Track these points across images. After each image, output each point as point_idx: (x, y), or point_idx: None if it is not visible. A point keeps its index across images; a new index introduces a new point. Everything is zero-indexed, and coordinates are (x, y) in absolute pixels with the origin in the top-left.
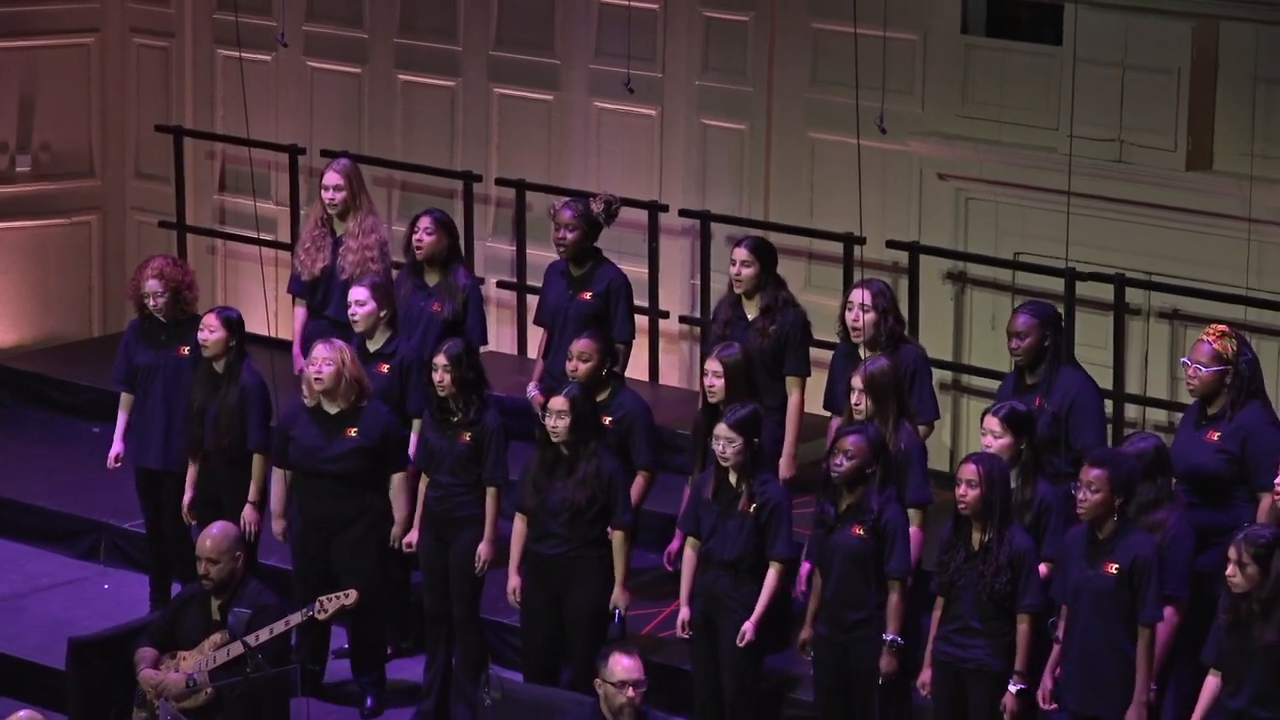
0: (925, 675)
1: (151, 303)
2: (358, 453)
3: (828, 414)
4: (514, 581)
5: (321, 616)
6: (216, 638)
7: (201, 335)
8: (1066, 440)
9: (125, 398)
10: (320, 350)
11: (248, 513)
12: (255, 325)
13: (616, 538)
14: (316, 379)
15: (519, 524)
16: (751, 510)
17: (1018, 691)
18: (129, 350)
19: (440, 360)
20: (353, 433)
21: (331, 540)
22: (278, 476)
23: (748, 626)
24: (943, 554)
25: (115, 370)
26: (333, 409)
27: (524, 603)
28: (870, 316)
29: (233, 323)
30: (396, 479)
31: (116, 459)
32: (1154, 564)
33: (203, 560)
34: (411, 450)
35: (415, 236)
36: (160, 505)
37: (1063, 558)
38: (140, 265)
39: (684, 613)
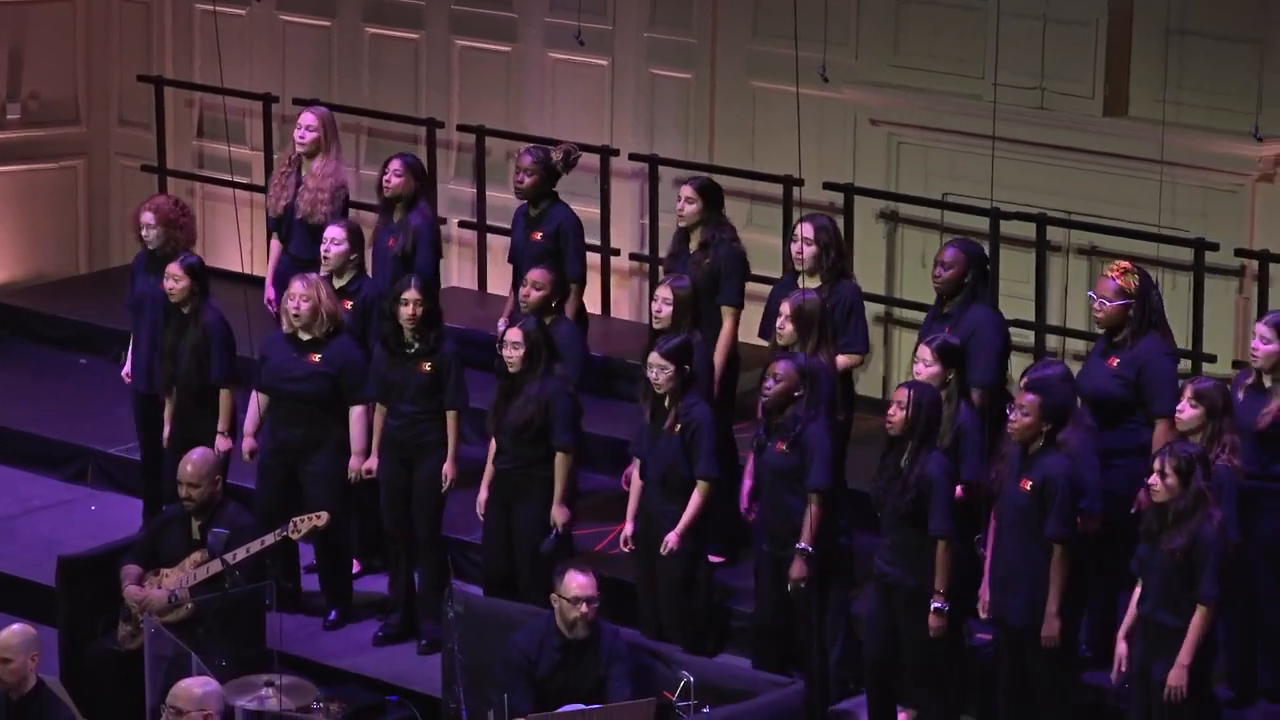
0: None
1: (145, 234)
2: (318, 376)
3: (763, 342)
4: (482, 495)
5: (295, 536)
6: (197, 556)
7: (167, 285)
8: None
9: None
10: (297, 287)
11: (219, 441)
12: (230, 263)
13: (557, 457)
14: (295, 314)
15: (492, 445)
16: (677, 430)
17: (934, 610)
18: (133, 281)
19: (412, 294)
20: (316, 358)
21: (298, 467)
22: (254, 400)
23: (670, 536)
24: (876, 473)
25: (126, 300)
26: (305, 336)
27: (485, 516)
28: (811, 249)
29: (194, 268)
30: (355, 411)
31: (126, 375)
32: (1062, 483)
33: (184, 484)
34: None
35: (385, 177)
36: (152, 429)
37: (1000, 472)
38: (142, 202)
39: (627, 528)
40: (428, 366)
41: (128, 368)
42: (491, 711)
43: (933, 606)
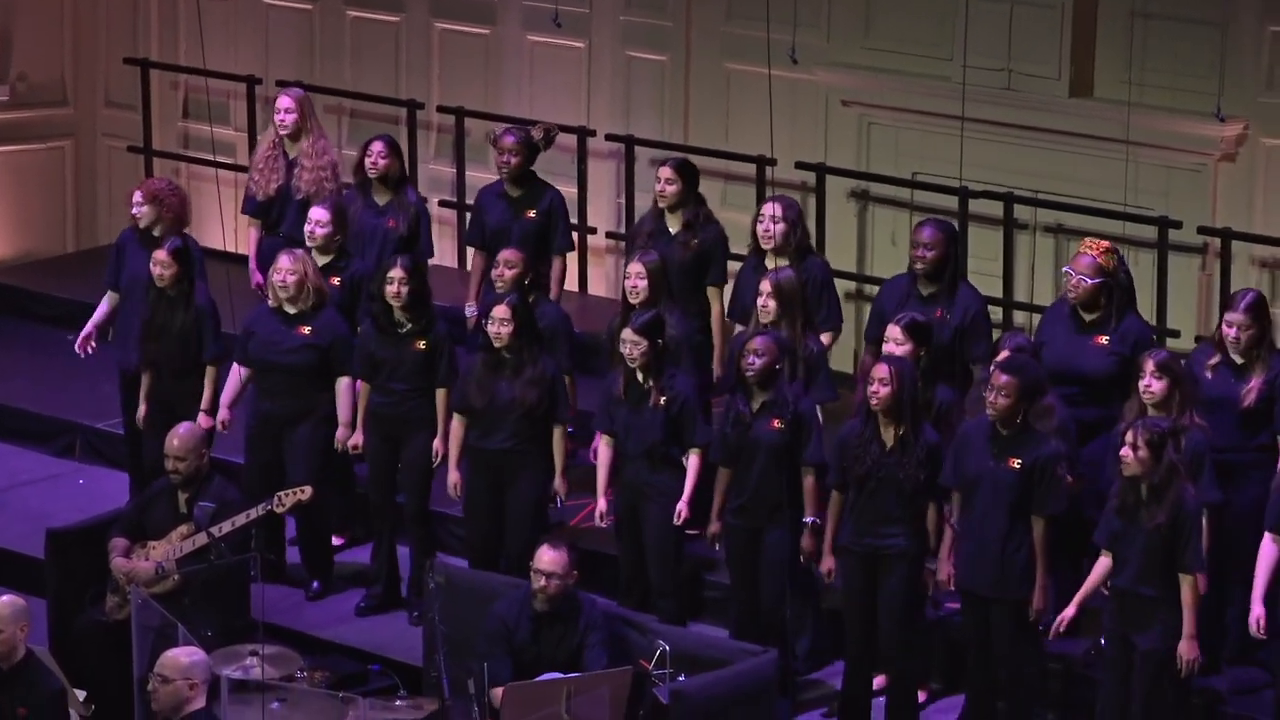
0: (829, 563)
1: (135, 211)
2: (308, 349)
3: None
4: (454, 477)
5: (280, 510)
6: (183, 529)
7: (155, 271)
8: (962, 349)
9: (109, 295)
10: (284, 260)
11: (201, 419)
12: (214, 240)
13: (558, 432)
14: (282, 286)
15: (458, 425)
16: (663, 404)
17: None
18: (120, 256)
19: (398, 273)
20: (306, 330)
21: (282, 437)
22: (234, 374)
23: (681, 506)
24: (852, 450)
25: (106, 273)
26: (292, 309)
27: (467, 495)
28: (781, 227)
29: (181, 253)
30: (342, 383)
31: (83, 341)
32: (1053, 464)
33: (171, 458)
34: None
35: (370, 159)
36: (134, 406)
37: (960, 448)
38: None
39: (600, 504)
40: (422, 345)
41: (88, 330)
42: (472, 680)
43: (933, 566)
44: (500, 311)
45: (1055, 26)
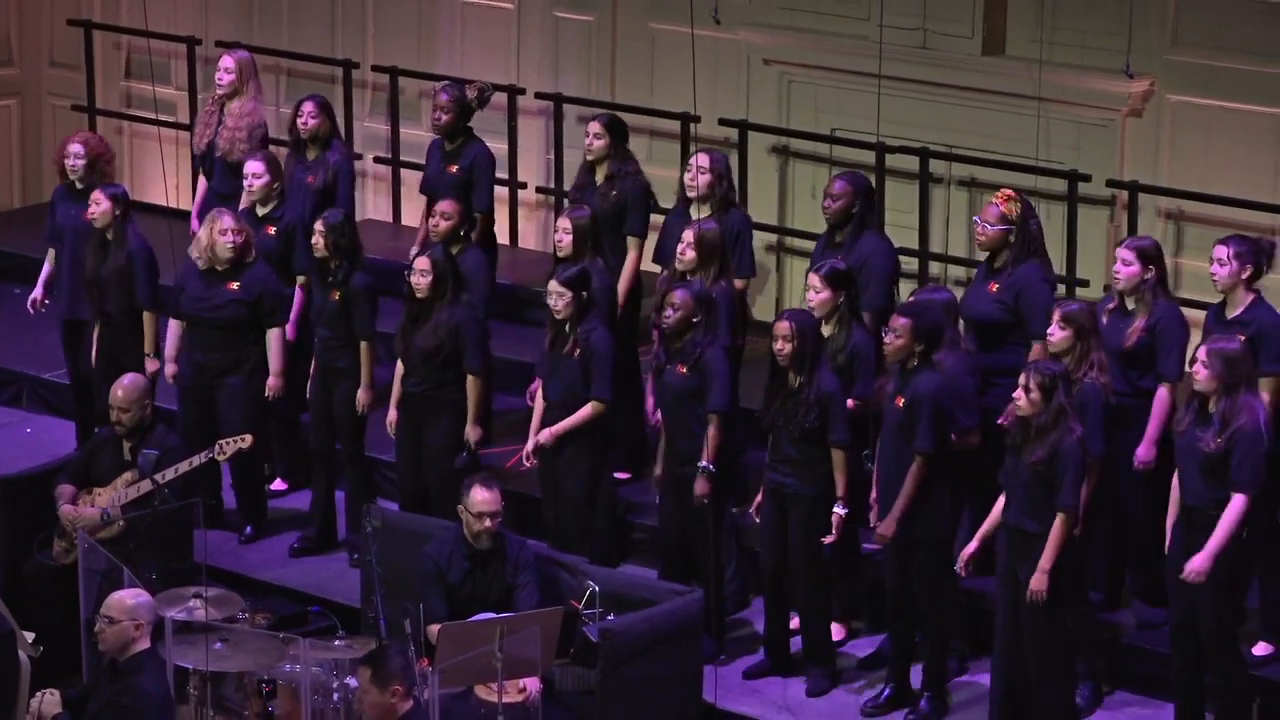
0: (757, 501)
1: (70, 163)
2: (236, 304)
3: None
4: (391, 415)
5: (221, 458)
6: (128, 476)
7: (90, 210)
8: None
9: (50, 253)
10: (228, 220)
11: (147, 363)
12: (156, 197)
13: (469, 380)
14: (230, 246)
15: (399, 366)
16: (577, 355)
17: (838, 514)
18: (53, 212)
19: (319, 226)
20: (234, 286)
21: (215, 388)
22: (174, 326)
23: (544, 434)
24: (765, 396)
25: (45, 231)
26: (220, 266)
27: (397, 438)
28: (706, 177)
29: (117, 197)
30: (273, 333)
31: (32, 303)
32: (928, 400)
33: (115, 409)
34: (297, 306)
35: (301, 119)
36: (77, 354)
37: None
38: (68, 136)
39: (529, 444)
40: (336, 296)
41: (37, 292)
42: (408, 620)
43: (840, 511)
44: (421, 263)
45: None
